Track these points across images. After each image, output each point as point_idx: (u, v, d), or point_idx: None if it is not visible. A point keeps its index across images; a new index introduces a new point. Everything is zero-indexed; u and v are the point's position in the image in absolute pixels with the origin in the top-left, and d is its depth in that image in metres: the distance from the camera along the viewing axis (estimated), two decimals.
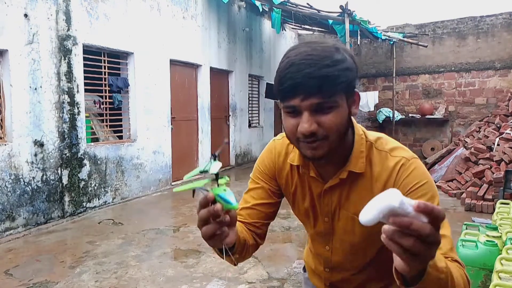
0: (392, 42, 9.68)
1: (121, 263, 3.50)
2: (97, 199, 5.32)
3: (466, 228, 2.91)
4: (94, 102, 5.60)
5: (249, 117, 9.61)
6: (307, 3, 7.79)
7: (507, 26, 9.17)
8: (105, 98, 5.60)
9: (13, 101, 4.24)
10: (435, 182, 5.57)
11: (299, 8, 7.76)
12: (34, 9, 4.42)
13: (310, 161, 1.00)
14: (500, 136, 6.50)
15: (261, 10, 8.71)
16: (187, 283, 3.11)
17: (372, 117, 10.65)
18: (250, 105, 9.72)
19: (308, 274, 1.30)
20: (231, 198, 0.73)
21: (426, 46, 9.36)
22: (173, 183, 6.81)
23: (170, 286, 3.08)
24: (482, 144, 6.57)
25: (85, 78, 5.14)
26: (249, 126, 9.56)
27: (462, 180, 6.19)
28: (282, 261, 3.54)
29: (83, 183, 5.10)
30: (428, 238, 0.57)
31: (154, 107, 6.32)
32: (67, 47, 4.82)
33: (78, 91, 4.99)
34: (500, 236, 2.63)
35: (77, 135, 5.00)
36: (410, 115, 10.22)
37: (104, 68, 5.51)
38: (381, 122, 10.29)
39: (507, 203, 3.56)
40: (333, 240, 1.10)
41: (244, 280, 3.14)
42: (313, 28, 10.09)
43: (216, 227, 0.75)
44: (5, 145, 4.17)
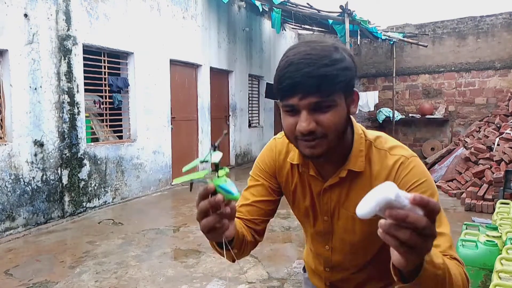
0: (392, 42, 9.68)
1: (121, 263, 3.50)
2: (97, 199, 5.32)
3: (466, 228, 2.91)
4: (94, 102, 5.60)
5: (249, 117, 9.61)
6: (307, 3, 7.79)
7: (507, 26, 9.17)
8: (105, 98, 5.60)
9: (13, 101, 4.24)
10: (435, 182, 5.59)
11: (299, 8, 7.76)
12: (34, 9, 4.42)
13: (309, 160, 1.01)
14: (500, 136, 6.50)
15: (261, 10, 8.71)
16: (187, 283, 3.11)
17: (372, 117, 10.65)
18: (250, 105, 9.72)
19: (308, 274, 1.30)
20: (233, 189, 0.70)
21: (426, 46, 9.35)
22: (173, 183, 6.82)
23: (170, 286, 3.08)
24: (482, 144, 6.57)
25: (85, 78, 5.14)
26: (249, 126, 9.56)
27: (462, 180, 6.19)
28: (282, 261, 3.53)
29: (83, 183, 5.10)
30: (424, 231, 0.58)
31: (154, 107, 6.32)
32: (67, 47, 4.83)
33: (78, 91, 5.00)
34: (500, 236, 2.63)
35: (77, 135, 5.00)
36: (410, 115, 10.22)
37: (104, 68, 5.51)
38: (381, 122, 10.28)
39: (507, 203, 3.56)
40: (333, 240, 1.10)
41: (244, 280, 3.14)
42: (313, 28, 10.09)
43: (216, 219, 0.73)
44: (5, 145, 4.18)
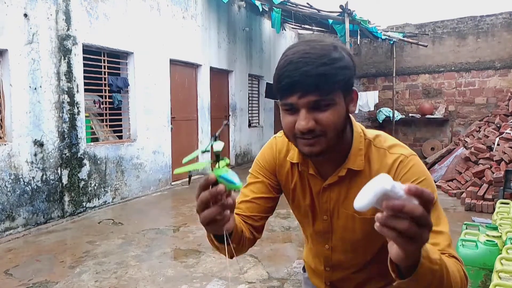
0: (392, 42, 9.68)
1: (121, 263, 3.50)
2: (97, 199, 5.32)
3: (466, 228, 2.91)
4: (94, 102, 5.60)
5: (249, 117, 9.61)
6: (307, 3, 7.78)
7: (507, 26, 9.17)
8: (105, 98, 5.60)
9: (13, 101, 4.24)
10: (435, 182, 5.61)
11: (299, 8, 7.76)
12: (34, 9, 4.42)
13: (308, 158, 1.01)
14: (500, 136, 6.49)
15: (261, 10, 8.70)
16: (187, 283, 3.11)
17: (372, 117, 10.65)
18: (250, 105, 9.72)
19: (308, 274, 1.30)
20: (235, 178, 0.69)
21: (426, 46, 9.35)
22: (173, 183, 6.81)
23: (170, 286, 3.08)
24: (482, 144, 6.56)
25: (85, 78, 5.14)
26: (249, 126, 9.56)
27: (462, 180, 6.19)
28: (282, 261, 3.53)
29: (83, 183, 5.10)
30: (421, 220, 0.59)
31: (154, 107, 6.32)
32: (67, 47, 4.83)
33: (78, 91, 4.99)
34: (500, 236, 2.63)
35: (77, 135, 5.00)
36: (410, 115, 10.22)
37: (104, 68, 5.51)
38: (381, 122, 10.28)
39: (507, 203, 3.56)
40: (333, 239, 1.10)
41: (244, 280, 3.14)
42: (313, 28, 10.09)
43: (217, 211, 0.71)
44: (5, 145, 4.17)
